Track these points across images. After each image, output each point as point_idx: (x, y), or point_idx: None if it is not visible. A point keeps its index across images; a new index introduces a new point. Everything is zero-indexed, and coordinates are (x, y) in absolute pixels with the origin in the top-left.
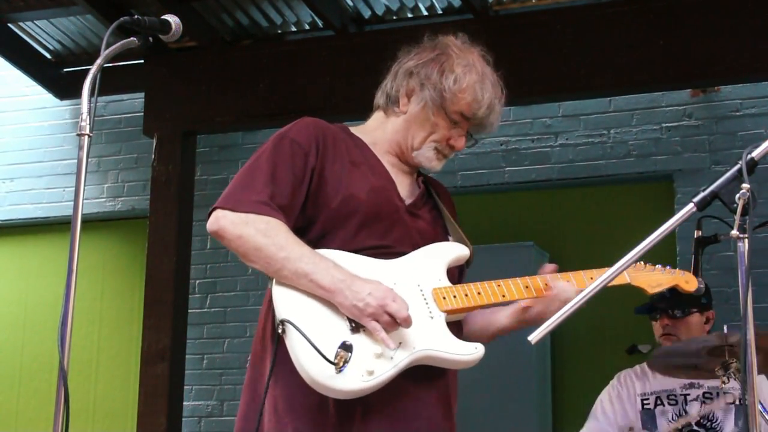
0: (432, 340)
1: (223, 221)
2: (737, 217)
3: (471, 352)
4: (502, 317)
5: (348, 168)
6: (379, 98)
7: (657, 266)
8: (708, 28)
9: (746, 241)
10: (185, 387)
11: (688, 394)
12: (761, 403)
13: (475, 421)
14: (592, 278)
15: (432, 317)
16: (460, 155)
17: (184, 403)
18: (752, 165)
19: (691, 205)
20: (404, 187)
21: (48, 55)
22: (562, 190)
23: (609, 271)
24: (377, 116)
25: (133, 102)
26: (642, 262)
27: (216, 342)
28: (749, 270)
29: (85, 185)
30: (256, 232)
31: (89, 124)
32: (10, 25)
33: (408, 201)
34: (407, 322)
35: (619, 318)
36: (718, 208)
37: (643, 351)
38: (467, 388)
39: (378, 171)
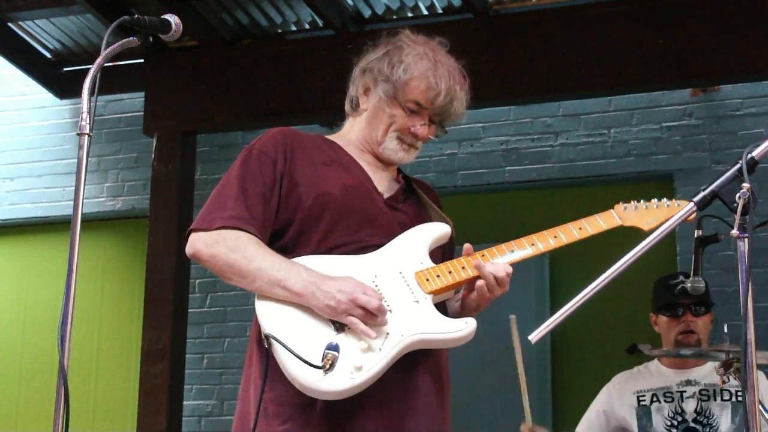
0: (420, 324)
1: (198, 243)
2: (737, 216)
3: (461, 327)
4: (457, 306)
5: (320, 168)
6: (346, 105)
7: (652, 200)
8: (708, 28)
9: (746, 240)
10: (185, 386)
11: (685, 391)
12: (761, 402)
13: (475, 421)
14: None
15: (417, 301)
16: (461, 155)
17: (184, 402)
18: (752, 164)
19: (691, 204)
20: (382, 182)
21: (48, 55)
22: (562, 189)
23: (609, 271)
24: (347, 122)
25: (133, 101)
26: (632, 201)
27: (216, 341)
28: (749, 269)
29: (85, 185)
30: (226, 249)
31: (89, 123)
32: (10, 24)
33: (386, 195)
34: (380, 311)
35: (619, 318)
36: (719, 208)
37: (643, 350)
38: (467, 388)
39: (352, 169)
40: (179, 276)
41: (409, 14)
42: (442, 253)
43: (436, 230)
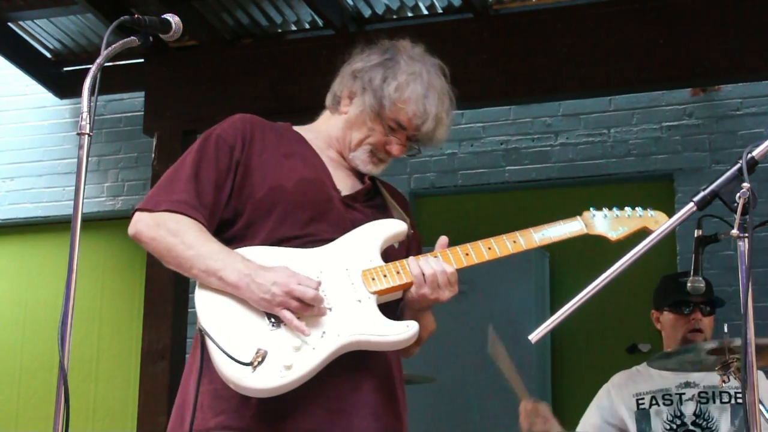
0: (358, 325)
1: (139, 224)
2: (737, 216)
3: (402, 331)
4: (402, 306)
5: (278, 159)
6: (327, 98)
7: (625, 208)
8: (708, 28)
9: (746, 240)
10: None
11: (683, 394)
12: (761, 402)
13: (475, 421)
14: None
15: (360, 301)
16: (461, 155)
17: None
18: (753, 164)
19: (691, 204)
20: (342, 180)
21: (48, 54)
22: (563, 189)
23: (609, 271)
24: (324, 115)
25: (133, 101)
26: (604, 209)
27: None
28: (749, 269)
29: (85, 184)
30: (167, 232)
31: (89, 123)
32: (10, 24)
33: (344, 192)
34: (316, 301)
35: (619, 318)
36: (719, 207)
37: (643, 350)
38: (467, 388)
39: (312, 163)
40: (179, 276)
41: (409, 14)
42: (407, 254)
43: (390, 228)
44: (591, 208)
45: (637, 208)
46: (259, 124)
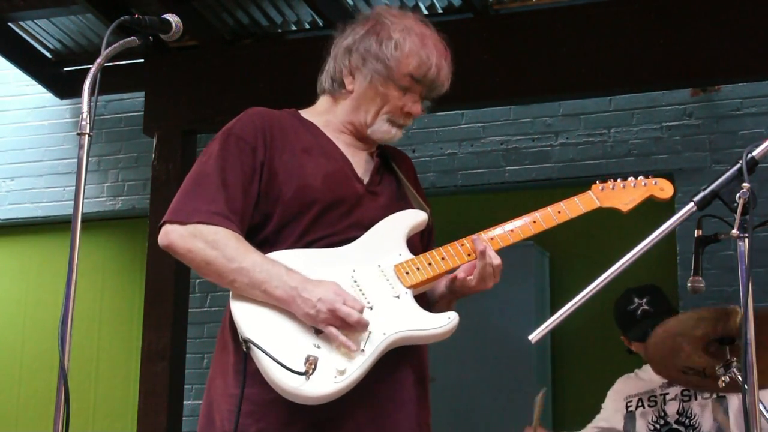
0: (402, 321)
1: (172, 235)
2: (738, 216)
3: (444, 323)
4: (441, 286)
5: (299, 156)
6: (324, 82)
7: (629, 179)
8: (708, 28)
9: (746, 240)
10: (185, 386)
11: (667, 394)
12: (761, 402)
13: (476, 421)
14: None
15: (398, 296)
16: (461, 155)
17: (185, 402)
18: (753, 164)
19: (691, 204)
20: (360, 165)
21: (48, 54)
22: (563, 189)
23: (609, 271)
24: (324, 100)
25: (134, 101)
26: (610, 181)
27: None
28: (749, 269)
29: (85, 184)
30: (204, 245)
31: (89, 123)
32: (10, 24)
33: (366, 179)
34: (360, 324)
35: None
36: (719, 207)
37: None
38: (468, 388)
39: (332, 154)
40: (179, 276)
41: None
42: (419, 240)
43: (412, 218)
44: (597, 181)
45: (640, 177)
46: (275, 120)
